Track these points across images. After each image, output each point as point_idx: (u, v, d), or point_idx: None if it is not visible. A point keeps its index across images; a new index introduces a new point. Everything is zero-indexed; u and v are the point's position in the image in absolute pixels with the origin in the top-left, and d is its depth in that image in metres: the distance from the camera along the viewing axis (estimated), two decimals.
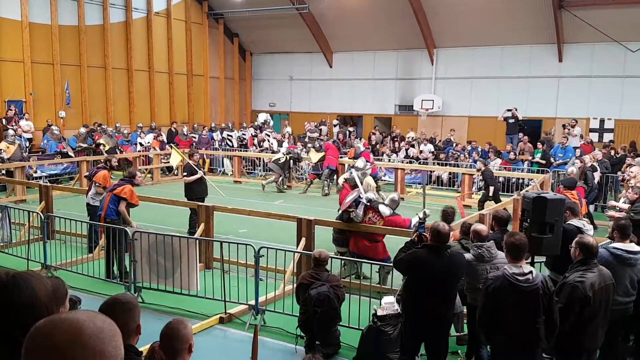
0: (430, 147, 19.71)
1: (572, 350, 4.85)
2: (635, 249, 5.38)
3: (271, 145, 20.58)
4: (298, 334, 6.38)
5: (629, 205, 8.50)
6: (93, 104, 21.45)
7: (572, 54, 20.89)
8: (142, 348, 4.09)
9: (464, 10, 20.86)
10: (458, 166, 17.54)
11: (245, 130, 22.54)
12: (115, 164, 10.66)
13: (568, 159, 15.76)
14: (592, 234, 6.27)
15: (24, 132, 17.76)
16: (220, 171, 20.20)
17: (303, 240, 8.32)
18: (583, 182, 11.94)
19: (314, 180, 17.09)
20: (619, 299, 5.14)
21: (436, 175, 17.58)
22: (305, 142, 20.14)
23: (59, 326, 1.35)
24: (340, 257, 8.23)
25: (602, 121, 20.22)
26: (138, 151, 19.05)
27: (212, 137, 21.74)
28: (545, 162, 16.83)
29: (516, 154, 17.83)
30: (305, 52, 26.37)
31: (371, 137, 21.87)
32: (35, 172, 16.24)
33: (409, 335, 5.36)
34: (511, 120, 20.03)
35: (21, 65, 19.06)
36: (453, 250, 5.31)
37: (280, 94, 27.63)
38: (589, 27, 19.02)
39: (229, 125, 23.30)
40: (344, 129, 22.72)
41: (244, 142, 21.57)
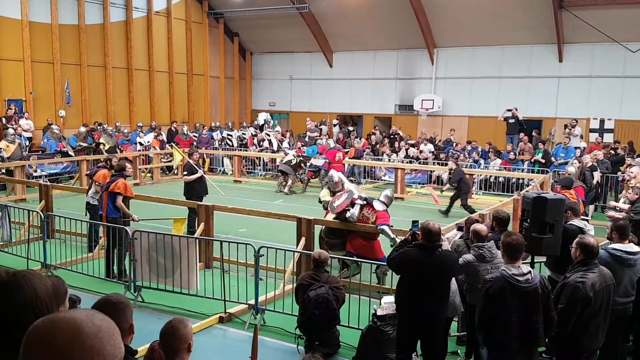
0: (431, 147, 19.71)
1: (572, 350, 4.84)
2: (634, 249, 5.38)
3: (271, 145, 20.58)
4: (297, 334, 6.38)
5: (629, 206, 8.49)
6: (93, 103, 21.44)
7: (572, 54, 20.88)
8: (141, 347, 4.09)
9: (464, 10, 20.86)
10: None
11: (246, 129, 22.55)
12: (115, 163, 10.64)
13: (570, 159, 15.73)
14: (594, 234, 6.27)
15: (24, 131, 17.74)
16: (220, 171, 20.21)
17: (303, 240, 8.32)
18: (582, 182, 11.93)
19: (311, 177, 17.05)
20: (618, 299, 5.14)
21: (436, 175, 17.59)
22: (305, 141, 20.13)
23: (58, 325, 1.34)
24: (337, 256, 8.16)
25: (602, 121, 20.19)
26: (138, 150, 19.03)
27: (212, 136, 21.74)
28: (545, 162, 16.82)
29: (516, 154, 17.83)
30: (305, 51, 26.36)
31: (371, 136, 21.86)
32: (35, 171, 16.23)
33: (402, 334, 5.37)
34: (511, 120, 20.01)
35: (21, 64, 19.04)
36: (444, 250, 5.28)
37: (280, 93, 27.61)
38: (589, 27, 19.02)
39: (229, 124, 23.32)
40: (344, 128, 22.72)
41: (244, 142, 21.57)
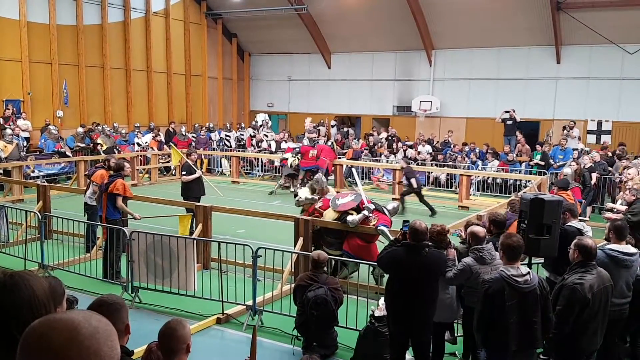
0: (428, 148, 19.72)
1: (571, 352, 4.85)
2: (631, 250, 5.39)
3: (269, 145, 20.57)
4: (295, 334, 6.38)
5: (626, 207, 8.50)
6: (91, 103, 21.43)
7: (570, 56, 20.92)
8: (139, 348, 4.09)
9: (462, 12, 20.89)
10: (456, 167, 17.56)
11: (244, 130, 22.54)
12: (113, 164, 10.62)
13: (568, 161, 15.74)
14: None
15: (22, 131, 17.71)
16: (218, 171, 20.20)
17: (300, 240, 8.32)
18: (581, 183, 11.95)
19: (310, 179, 17.03)
20: (615, 300, 5.14)
21: (434, 177, 17.60)
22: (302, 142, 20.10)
23: (55, 326, 1.34)
24: (335, 257, 8.12)
25: (599, 123, 20.23)
26: (136, 151, 19.02)
27: (210, 137, 21.73)
28: (544, 164, 16.83)
29: (514, 155, 17.84)
30: (303, 52, 26.37)
31: (369, 138, 21.86)
32: (33, 171, 16.22)
33: (392, 334, 5.37)
34: (509, 122, 20.03)
35: (19, 64, 19.02)
36: (431, 249, 5.25)
37: (279, 94, 27.61)
38: (586, 29, 19.07)
39: (227, 125, 23.31)
40: (342, 129, 22.71)
41: (242, 143, 21.57)
